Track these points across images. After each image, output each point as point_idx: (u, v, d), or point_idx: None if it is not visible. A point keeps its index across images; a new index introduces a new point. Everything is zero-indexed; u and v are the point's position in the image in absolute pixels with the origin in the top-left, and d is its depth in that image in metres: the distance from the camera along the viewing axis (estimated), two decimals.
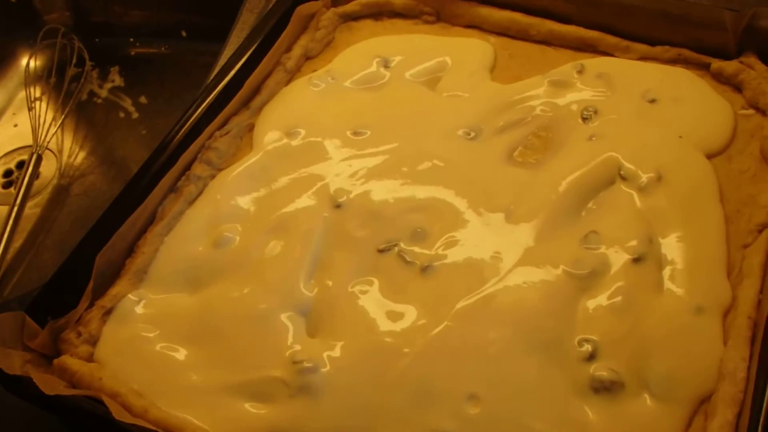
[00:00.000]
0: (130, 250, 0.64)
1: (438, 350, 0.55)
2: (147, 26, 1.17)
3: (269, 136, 0.72)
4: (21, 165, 1.04)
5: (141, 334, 0.58)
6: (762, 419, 0.47)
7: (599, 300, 0.57)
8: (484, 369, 0.54)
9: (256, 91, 0.76)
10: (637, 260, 0.59)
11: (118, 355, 0.57)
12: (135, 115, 1.12)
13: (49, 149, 1.04)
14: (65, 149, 1.07)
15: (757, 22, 0.70)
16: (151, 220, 0.66)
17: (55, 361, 0.57)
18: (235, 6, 1.01)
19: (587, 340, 0.55)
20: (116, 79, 1.16)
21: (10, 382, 0.53)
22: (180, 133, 0.70)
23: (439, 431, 0.51)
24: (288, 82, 0.78)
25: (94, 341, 0.58)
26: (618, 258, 0.59)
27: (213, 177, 0.69)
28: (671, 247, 0.60)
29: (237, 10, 0.98)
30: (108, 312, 0.60)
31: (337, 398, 0.53)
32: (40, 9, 1.18)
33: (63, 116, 1.06)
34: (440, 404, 0.52)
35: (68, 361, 0.56)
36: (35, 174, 1.00)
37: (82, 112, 1.11)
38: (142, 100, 1.13)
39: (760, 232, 0.59)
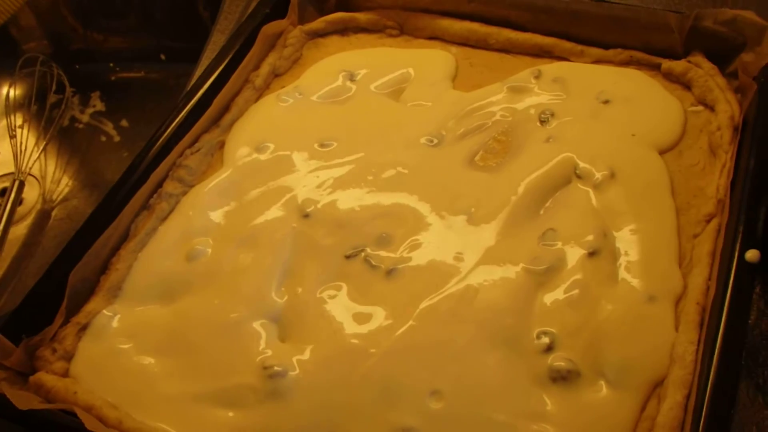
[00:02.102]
0: (104, 268, 0.65)
1: (402, 349, 0.57)
2: (126, 51, 1.19)
3: (239, 151, 0.75)
4: (4, 192, 1.05)
5: (116, 348, 0.60)
6: (707, 399, 0.49)
7: (556, 294, 0.59)
8: (447, 365, 0.56)
9: (226, 108, 0.79)
10: (592, 254, 0.61)
11: (93, 370, 0.59)
12: (117, 139, 1.13)
13: (31, 175, 1.06)
14: (48, 175, 1.09)
15: (700, 23, 0.73)
16: (125, 238, 0.67)
17: (31, 378, 0.58)
18: (209, 29, 1.04)
19: (545, 333, 0.57)
20: (97, 104, 1.18)
21: None
22: (151, 152, 0.72)
23: (403, 427, 0.53)
24: (257, 99, 0.81)
25: (69, 357, 0.60)
26: (574, 253, 0.61)
27: (185, 194, 0.71)
28: (625, 240, 0.62)
29: (211, 33, 1.01)
30: (83, 328, 0.61)
31: (305, 400, 0.55)
32: (18, 38, 1.20)
33: (45, 142, 1.08)
34: (404, 401, 0.54)
35: (44, 377, 0.57)
36: (18, 200, 1.01)
37: (64, 138, 1.12)
38: (124, 123, 1.14)
39: (708, 222, 0.61)
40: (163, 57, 1.18)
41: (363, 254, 0.64)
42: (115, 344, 0.60)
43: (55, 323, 0.61)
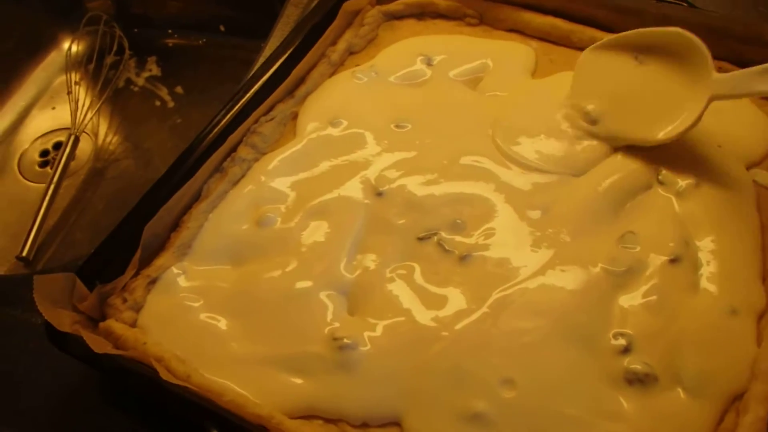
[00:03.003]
0: (176, 225, 0.65)
1: (475, 335, 0.56)
2: (185, 18, 1.20)
3: (312, 124, 0.74)
4: (57, 146, 1.06)
5: (184, 304, 0.60)
6: None
7: (635, 297, 0.58)
8: (520, 356, 0.55)
9: (301, 80, 0.78)
10: (673, 261, 0.59)
11: (161, 323, 0.59)
12: (171, 104, 1.14)
13: (85, 132, 1.07)
14: (101, 133, 1.10)
15: None
16: (197, 198, 0.67)
17: (101, 324, 0.58)
18: (273, 3, 1.04)
19: (622, 334, 0.56)
20: (153, 68, 1.18)
21: (58, 339, 0.55)
22: (227, 116, 0.71)
23: (473, 411, 0.52)
24: (332, 74, 0.80)
25: (138, 308, 0.60)
26: (654, 258, 0.60)
27: (257, 160, 0.71)
28: (707, 250, 0.61)
29: (275, 7, 1.01)
30: (153, 281, 0.61)
31: (374, 376, 0.55)
32: None
33: (100, 102, 1.08)
34: (476, 386, 0.53)
35: (114, 325, 0.57)
36: (72, 155, 1.02)
37: (119, 99, 1.13)
38: (178, 90, 1.15)
39: None
40: (222, 28, 1.18)
41: (436, 238, 0.63)
42: (183, 300, 0.60)
43: (127, 274, 0.61)
